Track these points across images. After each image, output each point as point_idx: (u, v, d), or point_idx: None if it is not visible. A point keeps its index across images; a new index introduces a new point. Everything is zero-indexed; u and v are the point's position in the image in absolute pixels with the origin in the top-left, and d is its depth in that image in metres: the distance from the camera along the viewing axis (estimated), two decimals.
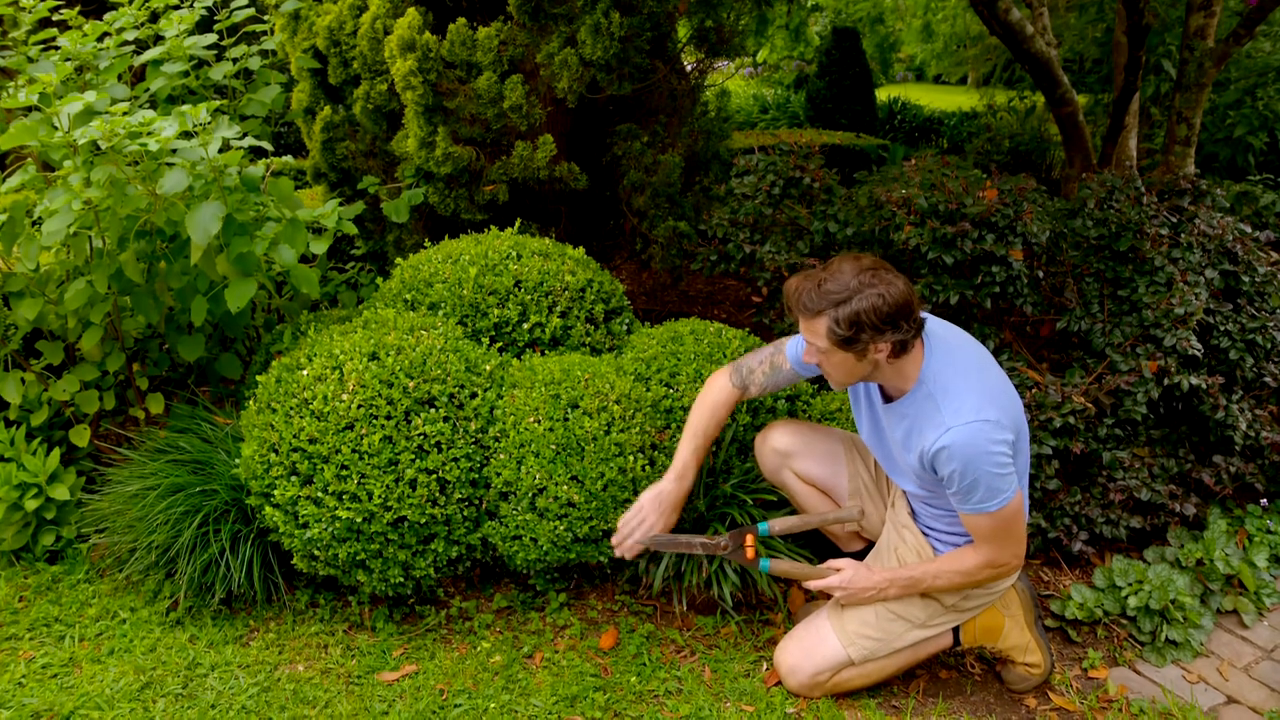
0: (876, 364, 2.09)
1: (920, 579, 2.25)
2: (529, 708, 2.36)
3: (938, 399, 2.08)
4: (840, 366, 2.10)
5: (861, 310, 1.98)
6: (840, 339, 2.02)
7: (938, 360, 2.12)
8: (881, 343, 2.03)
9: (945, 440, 2.04)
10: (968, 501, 2.10)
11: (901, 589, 2.26)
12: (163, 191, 2.53)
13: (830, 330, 2.02)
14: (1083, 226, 3.12)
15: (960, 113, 10.20)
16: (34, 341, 3.11)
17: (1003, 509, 2.09)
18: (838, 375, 2.14)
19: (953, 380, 2.09)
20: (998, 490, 2.07)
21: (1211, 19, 4.83)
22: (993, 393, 2.10)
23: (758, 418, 2.79)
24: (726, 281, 5.09)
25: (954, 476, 2.07)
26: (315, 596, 2.71)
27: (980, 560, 2.20)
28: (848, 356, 2.07)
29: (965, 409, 2.05)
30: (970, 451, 2.03)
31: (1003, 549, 2.18)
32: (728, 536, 2.40)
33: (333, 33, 3.65)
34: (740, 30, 4.06)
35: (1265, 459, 3.07)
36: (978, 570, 2.21)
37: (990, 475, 2.05)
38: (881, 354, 2.05)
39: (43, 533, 2.86)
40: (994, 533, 2.15)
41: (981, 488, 2.06)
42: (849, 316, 1.99)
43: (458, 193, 3.56)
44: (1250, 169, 6.59)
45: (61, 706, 2.30)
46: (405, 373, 2.52)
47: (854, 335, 2.01)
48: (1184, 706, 2.46)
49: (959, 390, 2.08)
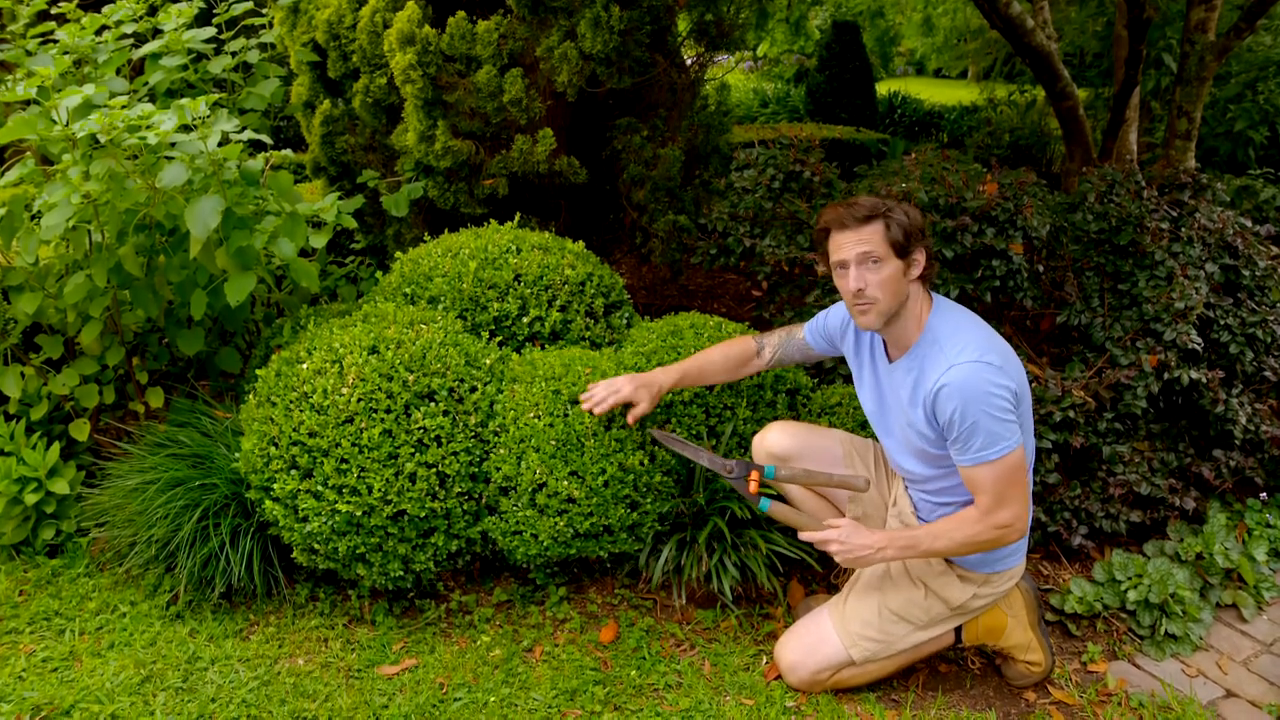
0: (910, 286, 2.16)
1: (920, 539, 2.19)
2: (529, 701, 2.36)
3: (942, 342, 2.14)
4: (889, 282, 2.14)
5: (907, 218, 2.13)
6: (893, 242, 2.12)
7: (943, 313, 2.21)
8: (920, 253, 2.15)
9: (947, 378, 2.07)
10: (968, 449, 2.09)
11: (899, 550, 2.20)
12: (162, 185, 2.53)
13: (884, 233, 2.12)
14: (1083, 220, 3.12)
15: (960, 107, 10.20)
16: (33, 335, 3.11)
17: (1004, 458, 2.07)
18: (884, 295, 2.15)
19: (958, 327, 2.16)
20: (998, 436, 2.06)
21: (1212, 13, 4.82)
22: (996, 343, 2.15)
23: (757, 411, 2.79)
24: (726, 275, 5.09)
25: (954, 419, 2.07)
26: (315, 590, 2.71)
27: (981, 518, 2.13)
28: (897, 267, 2.14)
29: (969, 349, 2.09)
30: (970, 390, 2.04)
31: (1005, 506, 2.12)
32: (736, 463, 2.39)
33: (332, 26, 3.64)
34: (740, 24, 4.05)
35: (1265, 453, 3.07)
36: (979, 529, 2.14)
37: (990, 418, 2.05)
38: (918, 268, 2.15)
39: (43, 527, 2.87)
40: (995, 486, 2.10)
41: (982, 432, 2.05)
42: (900, 221, 2.12)
43: (457, 186, 3.56)
44: (1251, 163, 6.58)
45: (62, 700, 2.30)
46: (405, 366, 2.52)
47: (905, 240, 2.12)
48: (1183, 700, 2.46)
49: (963, 335, 2.14)
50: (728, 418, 2.76)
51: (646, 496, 2.60)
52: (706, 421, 2.75)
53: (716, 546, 2.64)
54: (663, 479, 2.63)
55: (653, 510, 2.62)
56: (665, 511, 2.66)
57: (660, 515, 2.66)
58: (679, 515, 2.71)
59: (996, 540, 2.16)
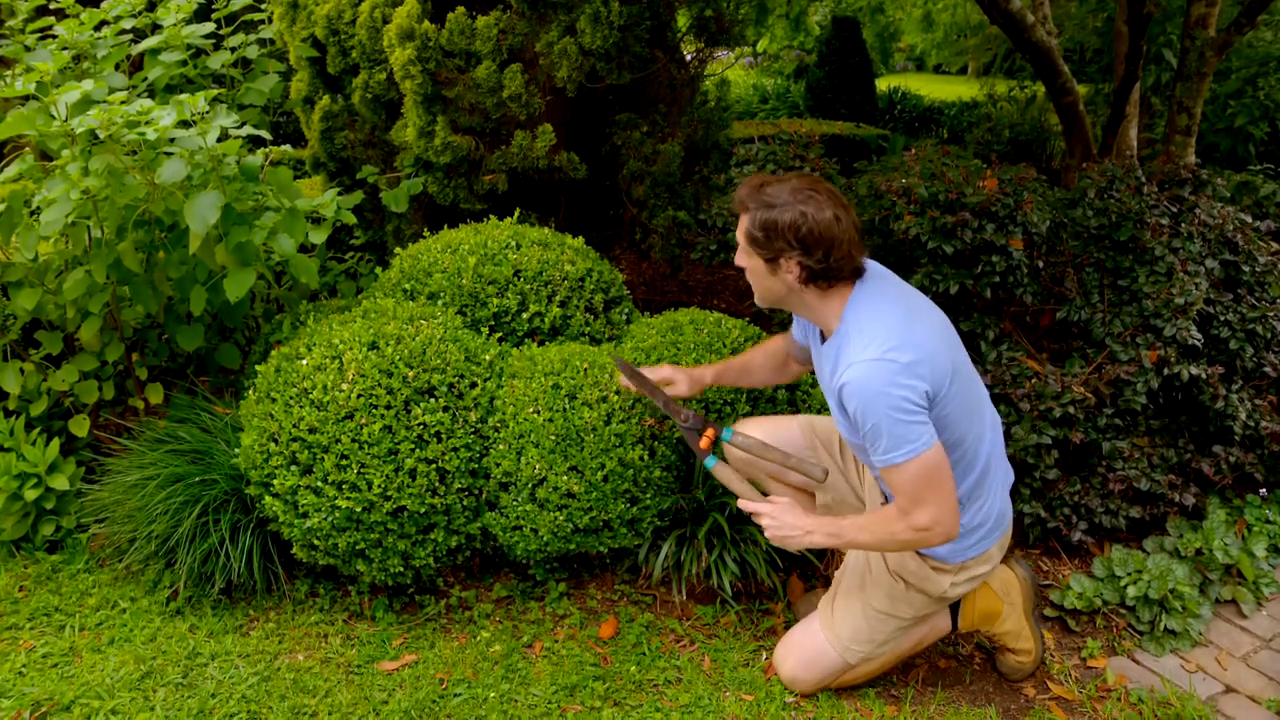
0: (790, 287, 2.07)
1: (845, 529, 2.12)
2: (529, 697, 2.37)
3: (852, 336, 2.03)
4: (754, 274, 2.12)
5: (780, 221, 1.99)
6: (751, 239, 2.05)
7: (863, 305, 2.07)
8: (791, 261, 2.02)
9: (847, 376, 1.98)
10: (875, 450, 2.00)
11: (825, 536, 2.13)
12: (161, 181, 2.53)
13: (747, 230, 2.06)
14: (1083, 216, 3.12)
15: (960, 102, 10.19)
16: (33, 331, 3.11)
17: (910, 461, 1.96)
18: (754, 284, 2.15)
19: (869, 321, 2.03)
20: (902, 439, 1.95)
21: (1213, 8, 4.82)
22: (914, 340, 2.00)
23: (757, 407, 2.79)
24: (726, 271, 5.08)
25: (857, 418, 1.99)
26: (315, 586, 2.72)
27: (900, 518, 2.03)
28: (760, 264, 2.08)
29: (871, 347, 1.97)
30: (869, 390, 1.95)
31: (921, 508, 2.00)
32: (693, 414, 2.36)
33: (331, 21, 3.63)
34: (740, 19, 4.04)
35: (1265, 449, 3.07)
36: (898, 529, 2.04)
37: (891, 419, 1.94)
38: (791, 275, 2.04)
39: (42, 523, 2.87)
40: (909, 488, 2.00)
41: (884, 434, 1.95)
42: (765, 221, 2.01)
43: (457, 182, 3.56)
44: (1251, 159, 6.57)
45: (62, 696, 2.30)
46: (405, 362, 2.52)
47: (765, 240, 2.02)
48: (1182, 695, 2.46)
49: (872, 330, 2.01)
50: (728, 413, 2.76)
51: (646, 492, 2.60)
52: (706, 417, 2.74)
53: (716, 542, 2.64)
54: (662, 474, 2.63)
55: (653, 505, 2.63)
56: (665, 507, 2.66)
57: (660, 511, 2.66)
58: (679, 511, 2.71)
59: (918, 541, 2.06)
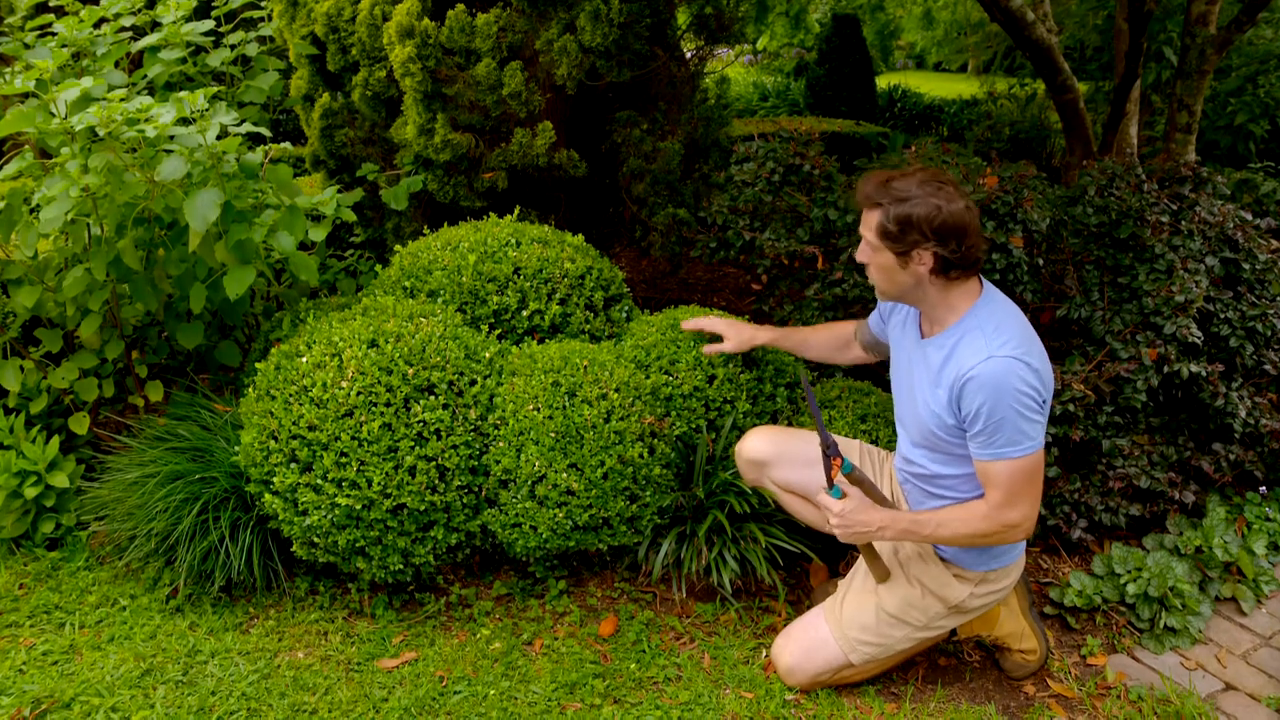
0: (919, 279, 2.09)
1: (923, 524, 2.13)
2: (529, 694, 2.37)
3: (985, 330, 2.06)
4: (883, 268, 2.11)
5: (914, 214, 2.01)
6: (884, 233, 2.05)
7: (992, 304, 2.12)
8: (925, 253, 2.03)
9: (981, 369, 1.99)
10: (990, 444, 2.03)
11: (899, 533, 2.14)
12: (161, 178, 2.52)
13: (880, 225, 2.05)
14: (1083, 214, 3.12)
15: (960, 100, 10.18)
16: (33, 329, 3.11)
17: (1025, 459, 2.02)
18: (880, 279, 2.14)
19: (1005, 321, 2.08)
20: (1024, 435, 2.01)
21: (1213, 5, 4.81)
22: (1036, 346, 2.07)
23: (757, 405, 2.79)
24: (726, 269, 5.08)
25: (980, 412, 2.01)
26: (315, 583, 2.72)
27: (990, 513, 2.08)
28: (891, 258, 2.08)
29: (1009, 345, 2.02)
30: (1002, 385, 1.98)
31: (1015, 505, 2.07)
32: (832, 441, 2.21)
33: (331, 19, 3.63)
34: (740, 17, 4.04)
35: (1264, 446, 3.07)
36: (985, 525, 2.09)
37: (1018, 415, 1.99)
38: (924, 267, 2.06)
39: (42, 520, 2.87)
40: (1010, 484, 2.05)
41: (1008, 428, 2.00)
42: (900, 215, 2.02)
43: (457, 180, 3.55)
44: (1251, 156, 6.57)
45: (62, 693, 2.30)
46: (404, 360, 2.52)
47: (900, 234, 2.03)
48: (1182, 693, 2.46)
49: (1006, 329, 2.05)
50: (728, 411, 2.76)
51: (646, 489, 2.60)
52: (706, 415, 2.75)
53: (716, 540, 2.64)
54: (662, 472, 2.63)
55: (652, 503, 2.63)
56: (665, 504, 2.66)
57: (660, 508, 2.66)
58: (679, 508, 2.71)
59: (1000, 537, 2.11)
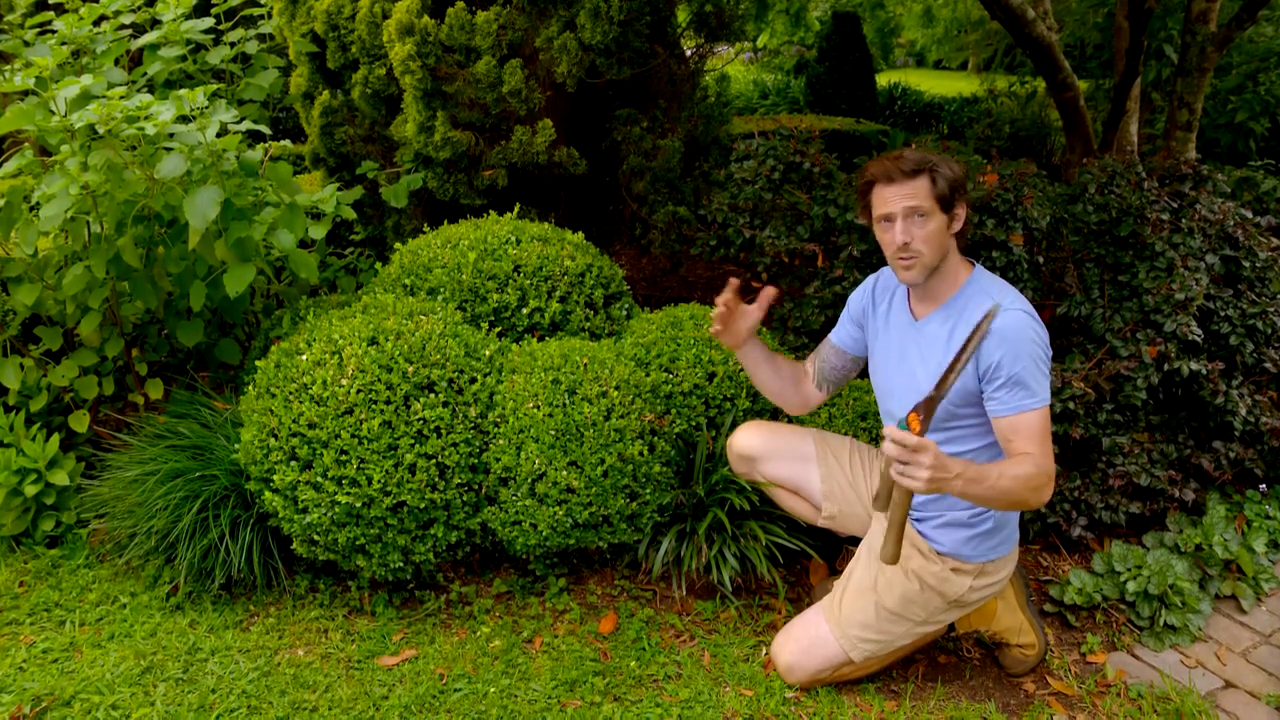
0: (950, 244, 2.19)
1: (987, 472, 2.04)
2: (528, 692, 2.37)
3: (991, 292, 2.16)
4: (934, 236, 2.15)
5: (955, 175, 2.14)
6: (939, 196, 2.12)
7: (987, 275, 2.24)
8: (962, 208, 2.17)
9: (996, 323, 2.07)
10: (1012, 397, 2.07)
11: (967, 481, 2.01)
12: (160, 176, 2.53)
13: (930, 187, 2.12)
14: (1083, 212, 3.11)
15: (961, 98, 10.17)
16: (33, 327, 3.11)
17: (1043, 409, 2.08)
18: (929, 248, 2.15)
19: (1003, 284, 2.20)
20: (1041, 387, 2.08)
21: (1213, 4, 4.81)
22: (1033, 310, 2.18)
23: (756, 403, 2.79)
24: (726, 267, 5.08)
25: (1002, 364, 2.06)
26: (315, 581, 2.72)
27: (1032, 463, 2.05)
28: (944, 221, 2.15)
29: (1017, 300, 2.13)
30: (1019, 335, 2.06)
31: (1048, 455, 2.09)
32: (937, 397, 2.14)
33: (331, 16, 3.63)
34: (740, 15, 4.04)
35: (1265, 444, 3.07)
36: (1033, 471, 2.03)
37: (1035, 365, 2.06)
38: (959, 222, 2.17)
39: (42, 518, 2.87)
40: (1041, 433, 2.08)
41: (1029, 379, 2.06)
42: (949, 177, 2.13)
43: (456, 178, 3.55)
44: (1251, 154, 6.57)
45: (62, 691, 2.30)
46: (404, 358, 2.52)
47: (950, 194, 2.13)
48: (1182, 691, 2.46)
49: (1010, 290, 2.18)
50: (728, 409, 2.76)
51: (646, 487, 2.60)
52: (706, 412, 2.75)
53: (716, 538, 2.64)
54: (662, 470, 2.63)
55: (652, 501, 2.63)
56: (665, 502, 2.66)
57: (660, 506, 2.66)
58: (679, 506, 2.71)
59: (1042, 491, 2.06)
